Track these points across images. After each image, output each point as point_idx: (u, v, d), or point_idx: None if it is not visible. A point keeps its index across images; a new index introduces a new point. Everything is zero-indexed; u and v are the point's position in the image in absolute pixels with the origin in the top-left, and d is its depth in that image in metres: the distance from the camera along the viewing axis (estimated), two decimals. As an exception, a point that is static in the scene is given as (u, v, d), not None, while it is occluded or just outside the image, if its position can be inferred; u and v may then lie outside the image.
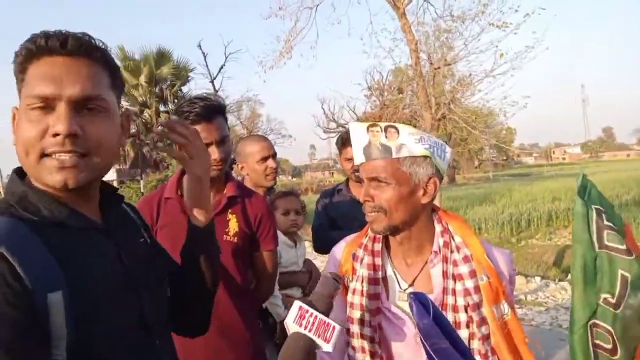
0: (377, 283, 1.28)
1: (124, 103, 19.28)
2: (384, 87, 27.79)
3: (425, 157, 1.21)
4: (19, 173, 0.92)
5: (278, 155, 2.59)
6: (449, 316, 1.20)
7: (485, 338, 1.17)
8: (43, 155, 0.84)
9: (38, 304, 0.75)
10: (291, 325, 0.94)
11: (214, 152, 1.79)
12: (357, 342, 1.27)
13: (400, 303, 1.27)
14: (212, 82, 21.53)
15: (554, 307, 5.64)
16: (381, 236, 1.32)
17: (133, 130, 18.97)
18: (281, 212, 2.43)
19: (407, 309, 1.24)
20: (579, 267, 1.63)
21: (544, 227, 10.28)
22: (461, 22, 9.80)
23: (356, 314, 1.27)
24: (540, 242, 9.33)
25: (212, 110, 1.80)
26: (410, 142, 1.21)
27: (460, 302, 1.19)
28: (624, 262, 1.54)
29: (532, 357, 1.20)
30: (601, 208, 1.62)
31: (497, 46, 9.39)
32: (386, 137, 1.21)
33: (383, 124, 1.24)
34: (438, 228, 1.29)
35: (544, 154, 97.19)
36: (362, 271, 1.29)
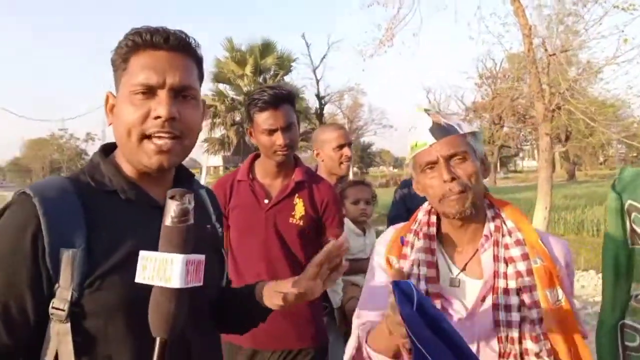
0: (433, 267, 1.26)
1: (230, 92, 20.42)
2: (497, 75, 26.14)
3: (478, 133, 1.27)
4: (104, 149, 1.05)
5: (379, 146, 2.64)
6: (500, 299, 1.17)
7: (537, 322, 1.14)
8: (143, 137, 0.94)
9: (49, 254, 0.85)
10: (139, 282, 0.78)
11: (279, 138, 1.89)
12: None
13: (450, 289, 1.25)
14: (314, 71, 21.98)
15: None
16: (434, 220, 1.31)
17: (237, 118, 20.04)
18: (351, 201, 2.46)
19: (458, 295, 1.23)
20: (610, 265, 1.53)
21: (675, 234, 9.02)
22: (582, 5, 8.82)
23: None
24: (668, 250, 8.21)
25: (280, 98, 1.90)
26: (460, 122, 1.26)
27: (512, 284, 1.17)
28: None
29: (586, 346, 1.15)
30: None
31: (622, 31, 8.27)
32: (443, 117, 1.25)
33: (434, 109, 1.29)
34: (489, 213, 1.27)
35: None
36: (418, 255, 1.27)
